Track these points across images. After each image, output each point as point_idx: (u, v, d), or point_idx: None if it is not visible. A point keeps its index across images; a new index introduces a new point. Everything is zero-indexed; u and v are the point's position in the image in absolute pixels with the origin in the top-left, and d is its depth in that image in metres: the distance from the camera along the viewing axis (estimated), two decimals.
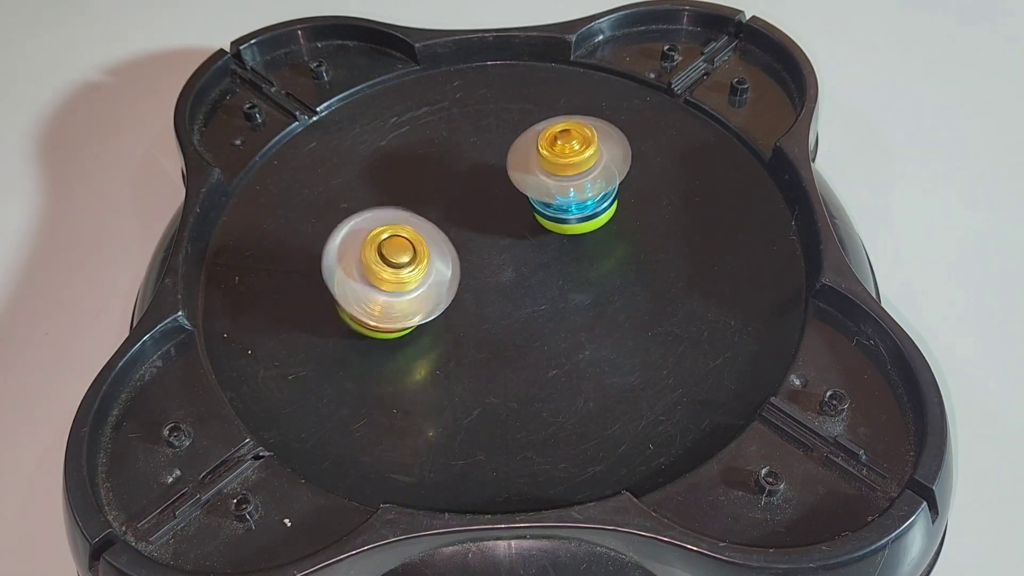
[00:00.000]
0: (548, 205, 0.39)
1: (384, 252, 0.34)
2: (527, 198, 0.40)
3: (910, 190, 0.49)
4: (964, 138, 0.52)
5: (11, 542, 0.38)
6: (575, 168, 0.37)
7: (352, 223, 0.35)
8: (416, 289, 0.35)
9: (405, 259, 0.34)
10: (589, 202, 0.39)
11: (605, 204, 0.40)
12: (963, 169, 0.50)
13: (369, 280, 0.34)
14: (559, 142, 0.37)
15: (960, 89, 0.54)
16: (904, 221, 0.48)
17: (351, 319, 0.36)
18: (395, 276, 0.34)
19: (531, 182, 0.38)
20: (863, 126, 0.52)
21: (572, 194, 0.38)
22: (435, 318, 0.36)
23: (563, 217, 0.40)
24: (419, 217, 0.36)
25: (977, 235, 0.47)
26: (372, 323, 0.35)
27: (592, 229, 0.40)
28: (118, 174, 0.52)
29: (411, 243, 0.34)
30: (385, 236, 0.34)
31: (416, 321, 0.35)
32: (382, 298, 0.34)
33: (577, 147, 0.37)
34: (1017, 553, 0.36)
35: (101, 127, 0.55)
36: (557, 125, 0.38)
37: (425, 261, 0.34)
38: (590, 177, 0.38)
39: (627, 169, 0.38)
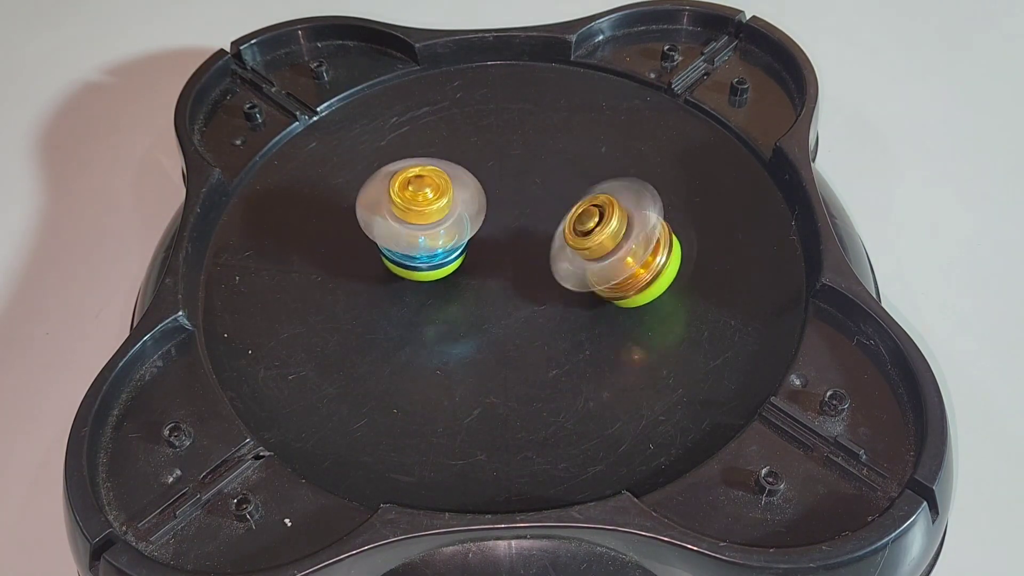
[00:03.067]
0: (405, 257, 0.38)
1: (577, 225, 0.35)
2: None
3: (910, 190, 0.49)
4: (964, 138, 0.52)
5: (11, 542, 0.38)
6: (426, 217, 0.35)
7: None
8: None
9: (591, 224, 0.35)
10: (438, 251, 0.37)
11: (455, 254, 0.38)
12: (963, 169, 0.50)
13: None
14: (411, 188, 0.35)
15: (960, 89, 0.54)
16: (904, 221, 0.48)
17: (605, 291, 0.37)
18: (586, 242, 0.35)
19: (379, 226, 0.36)
20: (863, 126, 0.52)
21: (422, 242, 0.36)
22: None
23: (411, 264, 0.38)
24: None
25: (977, 235, 0.47)
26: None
27: (439, 277, 0.38)
28: (118, 174, 0.52)
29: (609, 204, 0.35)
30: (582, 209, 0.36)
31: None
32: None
33: (431, 195, 0.35)
34: (1017, 553, 0.36)
35: (101, 127, 0.55)
36: (412, 169, 0.36)
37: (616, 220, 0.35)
38: (443, 227, 0.36)
39: (481, 221, 0.37)
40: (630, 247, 0.35)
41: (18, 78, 0.59)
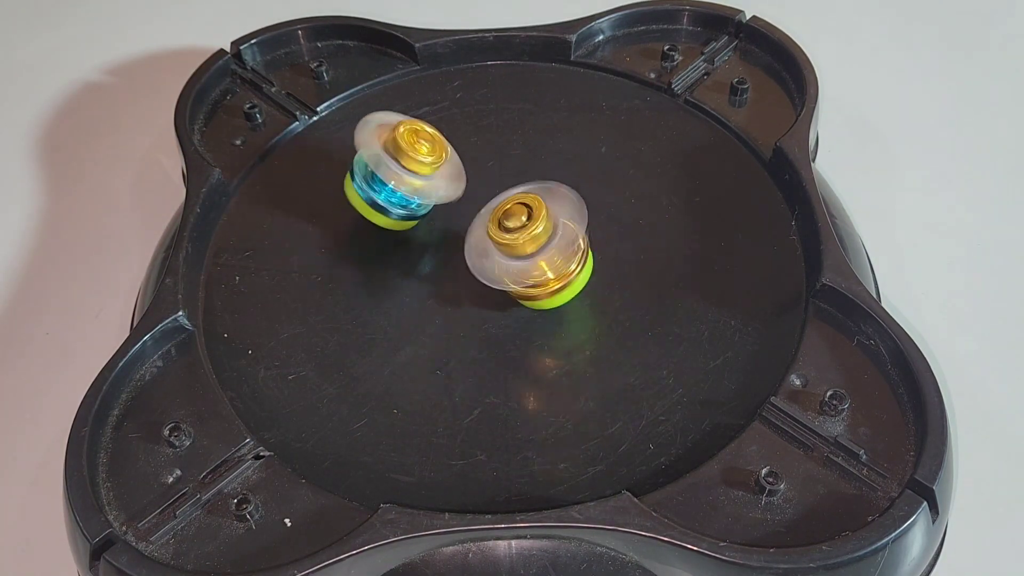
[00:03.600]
0: (375, 190, 0.39)
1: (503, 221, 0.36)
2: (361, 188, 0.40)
3: (910, 190, 0.49)
4: (964, 138, 0.52)
5: (12, 541, 0.38)
6: (421, 168, 0.39)
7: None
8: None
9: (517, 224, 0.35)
10: (414, 200, 0.40)
11: (424, 209, 0.40)
12: (963, 169, 0.50)
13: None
14: (416, 138, 0.39)
15: (960, 89, 0.54)
16: (904, 221, 0.48)
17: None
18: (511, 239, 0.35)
19: (372, 153, 0.39)
20: (863, 126, 0.52)
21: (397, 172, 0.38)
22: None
23: (384, 204, 0.40)
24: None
25: (977, 235, 0.47)
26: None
27: (397, 228, 0.41)
28: (118, 174, 0.52)
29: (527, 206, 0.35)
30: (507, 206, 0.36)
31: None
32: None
33: (427, 148, 0.39)
34: (1017, 553, 0.36)
35: (101, 127, 0.55)
36: (418, 123, 0.39)
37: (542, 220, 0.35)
38: (436, 176, 0.39)
39: (454, 195, 0.40)
40: (549, 254, 0.35)
41: (18, 78, 0.59)
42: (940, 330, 0.43)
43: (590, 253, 0.37)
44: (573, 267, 0.36)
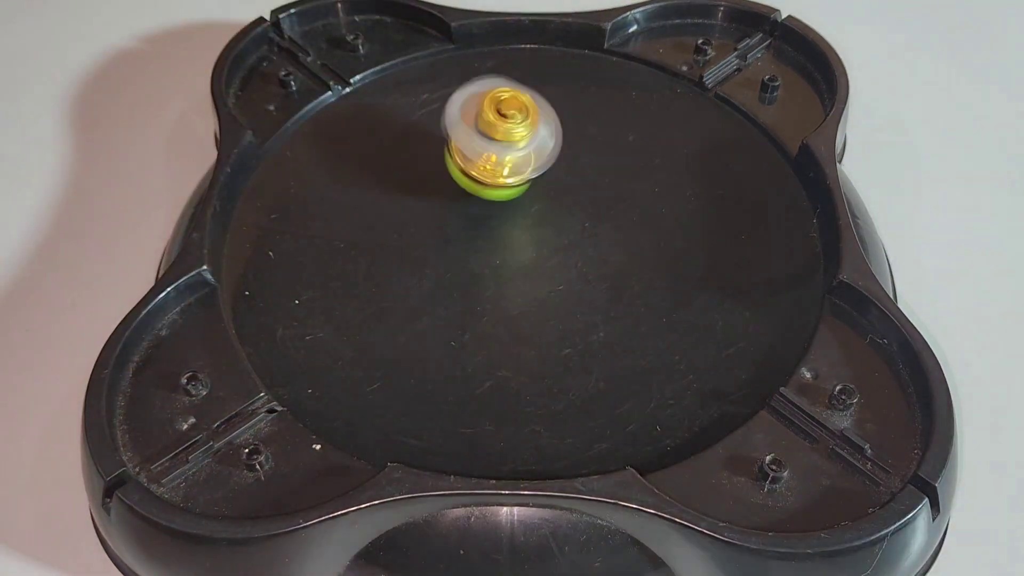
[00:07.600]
0: None
1: (501, 108, 0.38)
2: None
3: (938, 202, 0.49)
4: (996, 152, 0.51)
5: (31, 481, 0.39)
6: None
7: (473, 87, 0.40)
8: (524, 147, 0.39)
9: (518, 115, 0.38)
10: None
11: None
12: (993, 182, 0.50)
13: (485, 132, 0.38)
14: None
15: (993, 104, 0.54)
16: (930, 232, 0.47)
17: (463, 175, 0.40)
18: (507, 129, 0.38)
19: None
20: (896, 135, 0.52)
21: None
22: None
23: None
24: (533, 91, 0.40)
25: (1008, 256, 0.46)
26: (481, 177, 0.39)
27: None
28: (153, 137, 0.53)
29: (525, 104, 0.39)
30: (504, 96, 0.39)
31: (519, 179, 0.39)
32: (493, 148, 0.39)
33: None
34: (1017, 553, 0.36)
35: (137, 92, 0.56)
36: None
37: (533, 121, 0.39)
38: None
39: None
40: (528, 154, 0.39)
41: (58, 43, 0.59)
42: (955, 335, 0.42)
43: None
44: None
